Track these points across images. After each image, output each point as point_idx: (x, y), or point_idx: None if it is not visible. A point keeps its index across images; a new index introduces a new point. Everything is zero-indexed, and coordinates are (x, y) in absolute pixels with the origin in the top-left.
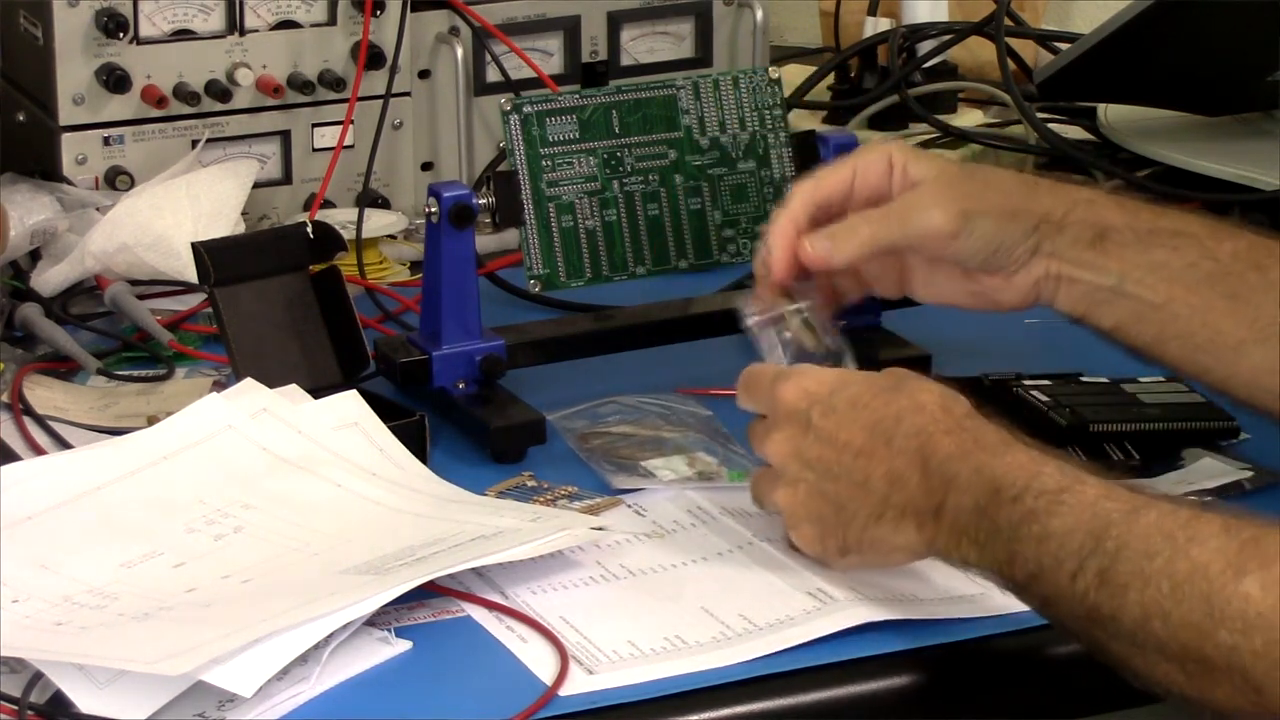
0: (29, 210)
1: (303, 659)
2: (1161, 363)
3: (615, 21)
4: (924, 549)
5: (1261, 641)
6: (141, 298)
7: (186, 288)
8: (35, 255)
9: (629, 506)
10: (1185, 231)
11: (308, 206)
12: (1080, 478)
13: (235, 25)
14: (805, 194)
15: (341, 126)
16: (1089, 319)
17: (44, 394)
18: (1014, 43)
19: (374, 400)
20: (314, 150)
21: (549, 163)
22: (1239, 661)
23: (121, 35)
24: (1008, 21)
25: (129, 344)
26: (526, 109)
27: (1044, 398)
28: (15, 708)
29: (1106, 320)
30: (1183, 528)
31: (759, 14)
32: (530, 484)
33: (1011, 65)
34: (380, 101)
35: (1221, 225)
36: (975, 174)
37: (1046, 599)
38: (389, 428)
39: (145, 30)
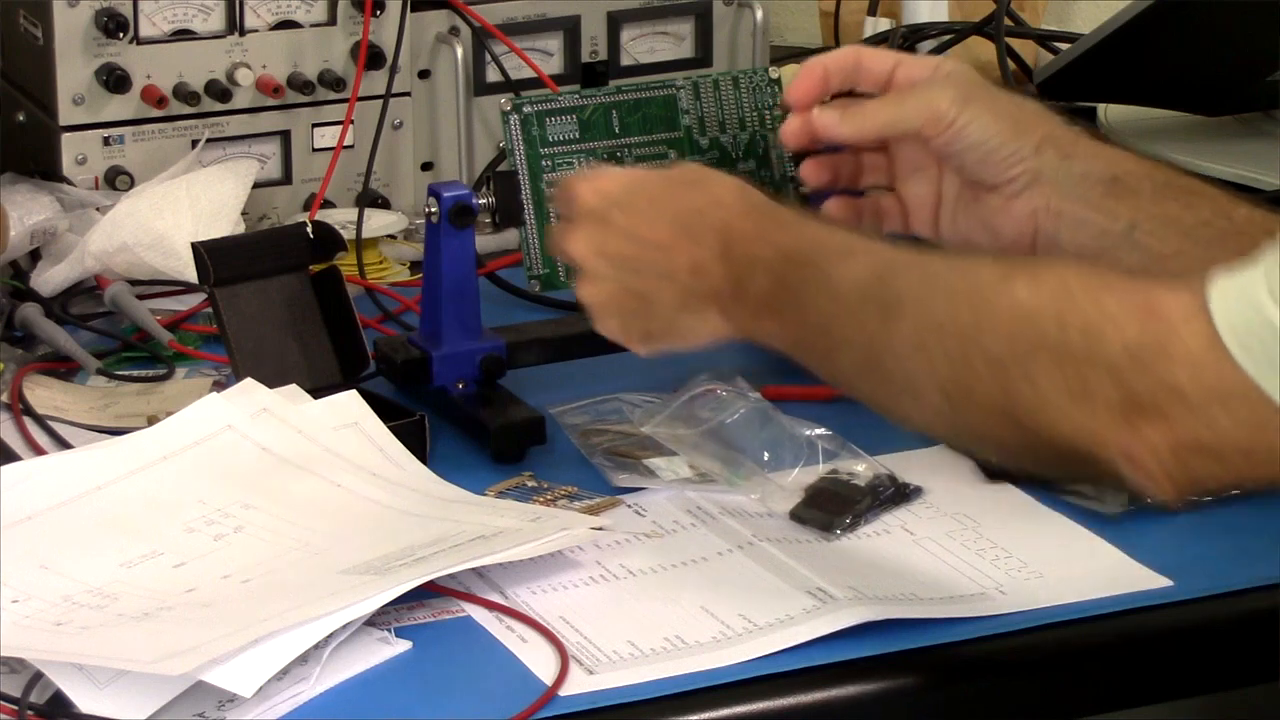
0: (29, 210)
1: (303, 659)
2: None
3: (615, 21)
4: (726, 332)
5: (1022, 340)
6: (141, 298)
7: (186, 288)
8: (35, 255)
9: (629, 506)
10: (1201, 191)
11: (308, 206)
12: (872, 241)
13: (235, 25)
14: (853, 51)
15: (341, 126)
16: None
17: (44, 394)
18: (1014, 43)
19: (374, 400)
20: (314, 150)
21: (549, 163)
22: (1001, 373)
23: (121, 35)
24: (1008, 21)
25: (129, 344)
26: (526, 109)
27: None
28: (15, 708)
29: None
30: (965, 259)
31: (759, 14)
32: (530, 484)
33: (1011, 65)
34: (380, 101)
35: (1238, 194)
36: (995, 87)
37: (832, 348)
38: (389, 428)
39: (145, 30)
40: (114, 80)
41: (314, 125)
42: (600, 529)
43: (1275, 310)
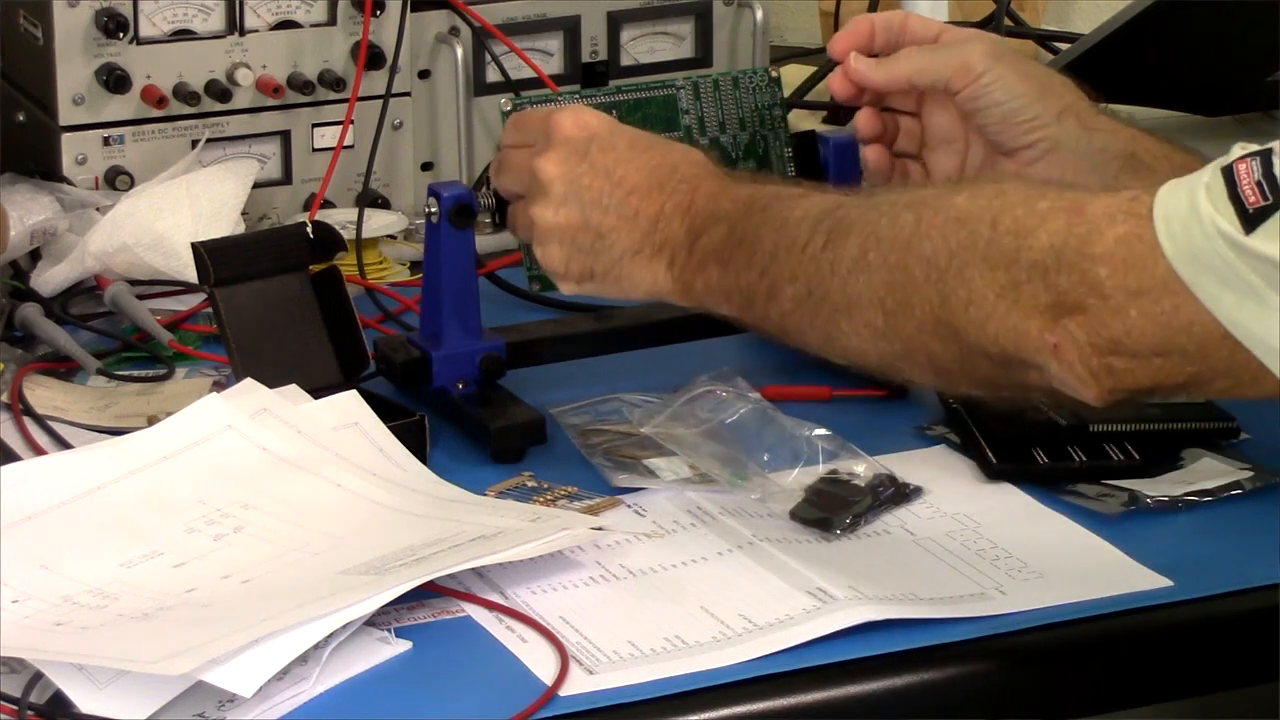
0: (29, 210)
1: (303, 659)
2: None
3: (615, 21)
4: (667, 285)
5: (956, 240)
6: (141, 298)
7: (186, 288)
8: (35, 255)
9: (629, 506)
10: None
11: (308, 206)
12: (825, 189)
13: (235, 25)
14: (900, 15)
15: (341, 126)
16: None
17: (44, 394)
18: (1014, 43)
19: (374, 400)
20: (314, 150)
21: None
22: (937, 276)
23: (121, 35)
24: (1008, 21)
25: (129, 344)
26: (526, 109)
27: (1044, 398)
28: (15, 708)
29: None
30: (914, 188)
31: (759, 14)
32: (530, 484)
33: None
34: (380, 101)
35: None
36: (1025, 56)
37: (773, 285)
38: (389, 428)
39: (145, 30)
40: (114, 80)
41: (314, 125)
42: (600, 529)
43: (1207, 204)
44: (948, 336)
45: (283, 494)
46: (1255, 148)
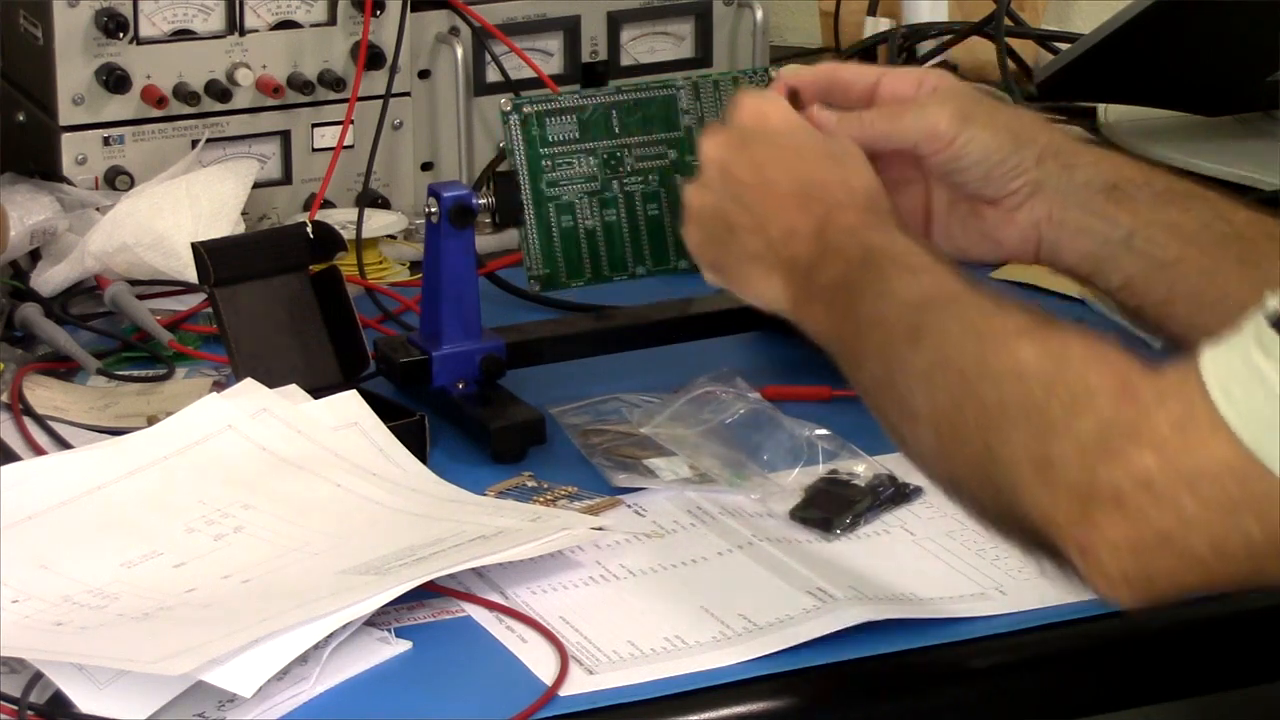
0: (29, 210)
1: (303, 659)
2: (1165, 326)
3: (615, 21)
4: (786, 305)
5: (1010, 394)
6: (141, 298)
7: (186, 288)
8: (35, 255)
9: (629, 506)
10: (1200, 195)
11: (308, 206)
12: (947, 269)
13: (235, 25)
14: (828, 68)
15: (341, 126)
16: (1095, 276)
17: (44, 394)
18: (1014, 43)
19: (374, 400)
20: (314, 150)
21: (549, 163)
22: (986, 424)
23: (121, 35)
24: (1008, 21)
25: (129, 344)
26: (526, 109)
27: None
28: (15, 708)
29: (1115, 277)
30: (1005, 301)
31: (759, 14)
32: (530, 484)
33: (1011, 65)
34: (380, 101)
35: (1236, 197)
36: (990, 99)
37: (861, 354)
38: (389, 428)
39: (145, 30)
40: (114, 80)
41: (314, 125)
42: (600, 529)
43: (1262, 359)
44: (989, 488)
45: (283, 494)
46: None
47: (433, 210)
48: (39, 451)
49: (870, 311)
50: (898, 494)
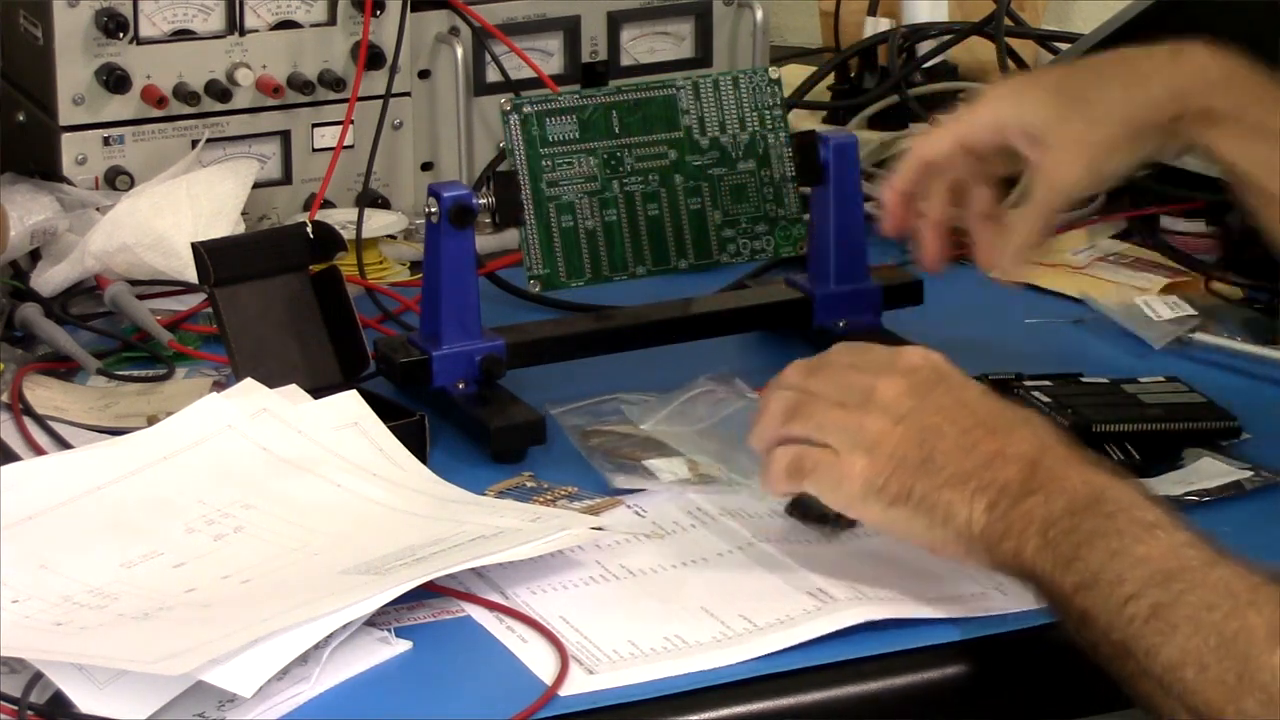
0: (29, 210)
1: (303, 659)
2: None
3: (615, 21)
4: (978, 530)
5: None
6: (141, 298)
7: (186, 288)
8: (35, 255)
9: (629, 507)
10: None
11: (308, 206)
12: (1176, 523)
13: (235, 25)
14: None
15: (341, 126)
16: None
17: (44, 394)
18: (1014, 43)
19: (374, 400)
20: (314, 150)
21: (549, 163)
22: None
23: (121, 35)
24: (1008, 21)
25: (129, 344)
26: (526, 109)
27: (1045, 398)
28: (15, 708)
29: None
30: (1249, 590)
31: (759, 14)
32: (530, 484)
33: (1011, 65)
34: (380, 101)
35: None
36: (1084, 104)
37: (1087, 613)
38: (389, 428)
39: (145, 30)
40: (114, 80)
41: (314, 125)
42: (600, 529)
43: None
44: None
45: (283, 494)
46: None
47: (433, 210)
48: (39, 451)
49: (1101, 567)
50: None
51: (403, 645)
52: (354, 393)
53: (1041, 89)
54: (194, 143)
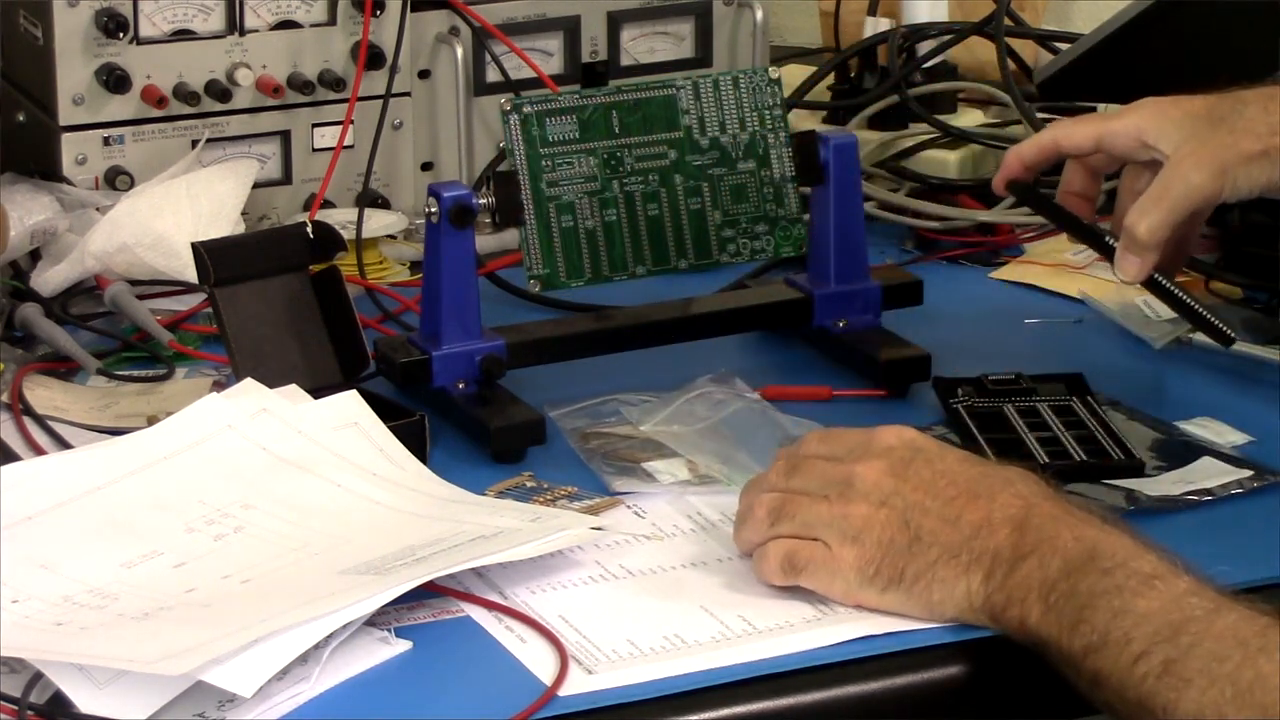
0: (29, 210)
1: (303, 659)
2: None
3: (615, 21)
4: (979, 602)
5: None
6: (141, 298)
7: (186, 288)
8: (35, 255)
9: (629, 507)
10: None
11: (308, 206)
12: (1175, 570)
13: (235, 25)
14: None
15: (341, 126)
16: None
17: (44, 394)
18: (1014, 43)
19: (374, 400)
20: (314, 150)
21: (549, 163)
22: None
23: (121, 35)
24: (1008, 21)
25: (129, 344)
26: (526, 109)
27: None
28: (15, 708)
29: None
30: (1258, 635)
31: (759, 14)
32: (530, 484)
33: (1011, 65)
34: (380, 101)
35: None
36: (1224, 123)
37: (1099, 674)
38: (389, 428)
39: (145, 30)
40: (114, 80)
41: (314, 125)
42: (600, 529)
43: None
44: None
45: (283, 494)
46: None
47: (433, 210)
48: (39, 451)
49: (1107, 627)
50: None
51: (402, 645)
52: (354, 393)
53: (1184, 111)
54: (194, 143)
